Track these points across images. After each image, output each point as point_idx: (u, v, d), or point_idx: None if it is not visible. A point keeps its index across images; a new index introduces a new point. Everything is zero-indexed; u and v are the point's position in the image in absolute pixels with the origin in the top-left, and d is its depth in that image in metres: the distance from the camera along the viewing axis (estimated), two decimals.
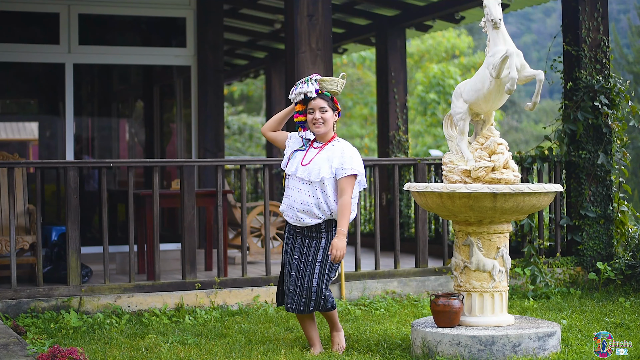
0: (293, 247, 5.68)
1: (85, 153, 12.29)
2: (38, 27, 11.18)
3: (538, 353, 5.48)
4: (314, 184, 5.58)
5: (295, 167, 5.67)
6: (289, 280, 5.62)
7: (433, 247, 9.01)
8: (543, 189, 5.62)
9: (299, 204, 5.61)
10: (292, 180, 5.67)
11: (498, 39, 5.68)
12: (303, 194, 5.61)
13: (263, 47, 14.70)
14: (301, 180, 5.62)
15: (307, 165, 5.62)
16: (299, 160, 5.69)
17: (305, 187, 5.61)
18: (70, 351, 5.01)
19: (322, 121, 5.66)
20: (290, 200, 5.66)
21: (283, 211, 5.72)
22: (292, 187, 5.66)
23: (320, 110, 5.66)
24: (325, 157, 5.62)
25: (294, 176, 5.65)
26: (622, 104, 8.64)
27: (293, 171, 5.67)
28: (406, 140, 11.26)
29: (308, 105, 5.73)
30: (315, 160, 5.63)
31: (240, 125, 27.08)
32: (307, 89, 5.71)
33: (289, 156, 5.77)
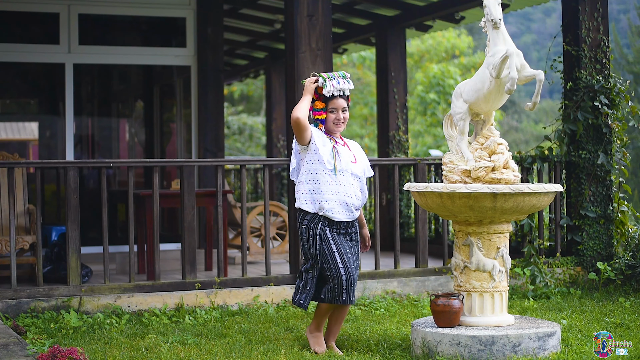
0: (342, 242, 5.68)
1: (85, 149, 12.29)
2: (38, 27, 11.18)
3: (538, 353, 5.48)
4: (362, 180, 5.79)
5: (348, 163, 5.72)
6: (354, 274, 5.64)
7: (433, 247, 9.01)
8: (543, 189, 5.62)
9: (354, 200, 5.70)
10: (343, 177, 5.67)
11: (498, 39, 5.68)
12: (356, 190, 5.73)
13: (263, 47, 14.69)
14: (355, 176, 5.72)
15: (357, 163, 5.76)
16: (345, 156, 5.72)
17: (356, 183, 5.74)
18: (70, 351, 5.01)
19: (343, 121, 5.75)
20: (344, 196, 5.65)
21: (332, 209, 5.61)
22: (344, 183, 5.66)
23: (342, 110, 5.73)
24: (361, 154, 5.86)
25: (347, 172, 5.69)
26: (622, 104, 8.64)
27: (347, 167, 5.70)
28: (406, 140, 11.26)
29: (329, 103, 5.71)
30: (359, 158, 5.82)
31: (240, 125, 27.07)
32: (349, 86, 5.74)
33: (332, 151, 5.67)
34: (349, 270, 5.61)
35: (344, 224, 5.71)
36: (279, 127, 14.37)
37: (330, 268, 5.62)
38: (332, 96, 5.69)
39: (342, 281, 5.58)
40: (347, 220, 5.71)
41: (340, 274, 5.59)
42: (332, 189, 5.63)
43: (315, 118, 5.76)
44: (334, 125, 5.71)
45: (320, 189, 5.63)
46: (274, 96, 14.73)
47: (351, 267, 5.64)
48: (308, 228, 5.66)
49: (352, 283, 5.62)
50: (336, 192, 5.64)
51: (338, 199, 5.64)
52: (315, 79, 5.71)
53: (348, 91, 5.75)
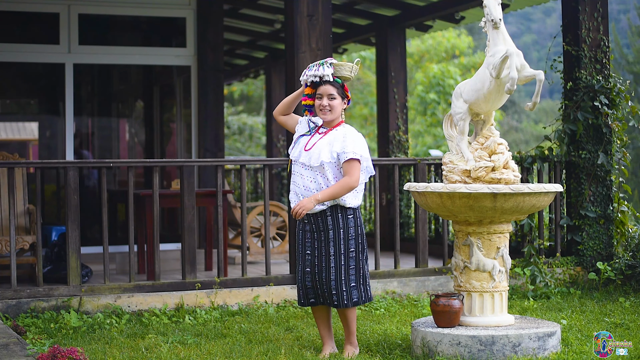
0: (304, 241, 5.58)
1: (85, 149, 12.29)
2: (38, 27, 11.18)
3: (538, 353, 5.48)
4: (315, 169, 5.48)
5: (299, 152, 5.57)
6: (304, 277, 5.54)
7: (433, 247, 9.01)
8: (543, 189, 5.62)
9: (302, 190, 5.50)
10: (296, 166, 5.56)
11: (498, 39, 5.68)
12: (305, 180, 5.51)
13: (263, 47, 14.70)
14: (304, 165, 5.52)
15: (309, 150, 5.51)
16: (302, 146, 5.58)
17: (307, 172, 5.51)
18: (70, 351, 5.01)
19: (329, 108, 5.52)
20: (295, 186, 5.56)
21: (290, 199, 5.59)
22: (296, 173, 5.56)
23: (328, 97, 5.52)
24: (327, 141, 5.49)
25: (297, 162, 5.56)
26: (622, 104, 8.64)
27: (296, 156, 5.57)
28: (406, 140, 11.26)
29: (317, 89, 5.57)
30: (317, 145, 5.50)
31: (240, 125, 27.07)
32: (323, 72, 5.52)
33: (294, 141, 5.67)
34: (298, 272, 5.59)
35: (313, 217, 5.51)
36: (279, 127, 14.36)
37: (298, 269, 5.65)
38: (321, 82, 5.54)
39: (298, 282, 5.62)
40: None
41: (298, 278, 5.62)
42: (292, 179, 5.62)
43: (302, 104, 5.68)
44: (320, 112, 5.55)
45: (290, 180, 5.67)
46: (274, 96, 14.72)
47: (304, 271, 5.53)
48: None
49: (300, 286, 5.53)
50: (292, 182, 5.59)
51: (292, 190, 5.58)
52: None
53: (328, 77, 5.51)
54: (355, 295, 5.51)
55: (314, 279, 5.52)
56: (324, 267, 5.49)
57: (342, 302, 5.48)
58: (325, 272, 5.48)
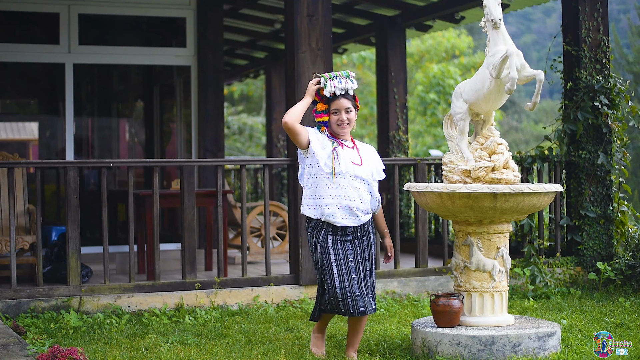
0: (344, 250, 5.45)
1: (84, 152, 12.30)
2: (38, 27, 11.18)
3: (538, 353, 5.48)
4: (371, 182, 5.53)
5: (350, 166, 5.46)
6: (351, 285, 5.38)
7: (433, 247, 9.01)
8: (543, 189, 5.63)
9: (359, 203, 5.44)
10: (345, 180, 5.43)
11: (498, 39, 5.68)
12: (362, 193, 5.46)
13: (263, 47, 14.70)
14: (359, 179, 5.46)
15: (363, 165, 5.50)
16: (348, 159, 5.47)
17: (362, 186, 5.47)
18: (70, 351, 5.01)
19: (348, 122, 5.48)
20: (347, 200, 5.41)
21: (333, 214, 5.40)
22: (346, 186, 5.42)
23: (345, 111, 5.47)
24: (372, 157, 5.60)
25: (349, 175, 5.43)
26: (622, 104, 8.64)
27: (349, 170, 5.44)
28: (406, 140, 11.26)
29: (331, 104, 5.49)
30: (367, 160, 5.54)
31: (240, 125, 27.08)
32: (351, 86, 5.49)
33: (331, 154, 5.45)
34: (344, 282, 5.37)
35: (350, 230, 5.46)
36: (279, 127, 14.37)
37: (326, 279, 5.42)
38: (335, 97, 5.46)
39: (337, 293, 5.36)
40: (352, 225, 5.45)
41: (335, 286, 5.36)
42: (331, 192, 5.42)
43: (317, 121, 5.54)
44: (338, 127, 5.47)
45: (320, 193, 5.43)
46: (274, 96, 14.73)
47: (350, 278, 5.38)
48: (312, 235, 5.48)
49: (348, 295, 5.37)
50: (336, 195, 5.41)
51: (339, 203, 5.40)
52: (317, 80, 5.49)
53: (352, 91, 5.51)
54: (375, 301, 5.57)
55: (360, 285, 5.43)
56: (369, 271, 5.51)
57: (370, 308, 5.44)
58: (371, 277, 5.51)
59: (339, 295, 5.36)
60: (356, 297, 5.36)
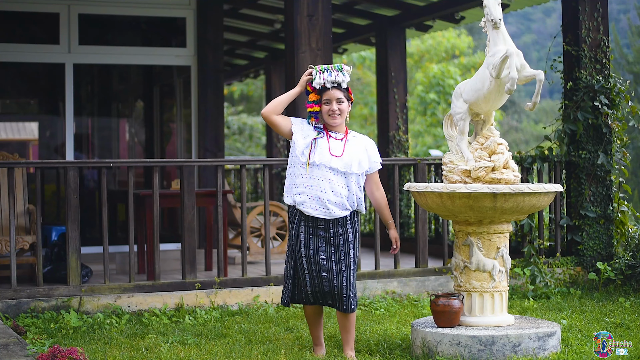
0: (316, 246, 5.46)
1: (84, 151, 12.29)
2: (38, 27, 11.18)
3: (538, 353, 5.48)
4: (350, 175, 5.44)
5: (327, 157, 5.43)
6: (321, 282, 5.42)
7: (433, 247, 9.01)
8: (543, 189, 5.63)
9: (331, 195, 5.39)
10: (319, 170, 5.41)
11: (498, 39, 5.68)
12: (335, 185, 5.40)
13: (263, 47, 14.70)
14: (334, 171, 5.42)
15: (342, 157, 5.44)
16: (326, 150, 5.45)
17: (338, 178, 5.42)
18: (70, 351, 5.01)
19: (339, 112, 5.48)
20: (318, 191, 5.40)
21: (303, 202, 5.42)
22: (319, 177, 5.40)
23: (337, 101, 5.47)
24: (360, 149, 5.51)
25: (324, 166, 5.41)
26: (622, 104, 8.64)
27: (324, 161, 5.41)
28: (406, 140, 11.26)
29: (323, 95, 5.50)
30: (349, 152, 5.47)
31: (240, 125, 27.08)
32: (343, 78, 5.49)
33: (310, 144, 5.47)
34: (314, 278, 5.44)
35: (322, 223, 5.44)
36: None
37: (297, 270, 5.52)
38: (326, 87, 5.48)
39: (307, 288, 5.47)
40: (324, 218, 5.43)
41: (306, 281, 5.47)
42: (305, 182, 5.43)
43: (309, 111, 5.58)
44: (329, 117, 5.48)
45: (295, 182, 5.47)
46: (274, 96, 14.72)
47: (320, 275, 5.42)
48: (290, 220, 5.55)
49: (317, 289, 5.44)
50: (309, 185, 5.40)
51: (310, 193, 5.39)
52: (310, 72, 5.55)
53: (345, 83, 5.51)
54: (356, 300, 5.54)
55: (332, 284, 5.43)
56: (344, 270, 5.45)
57: (350, 307, 5.46)
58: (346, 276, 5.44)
59: (309, 289, 5.48)
60: (325, 293, 5.46)
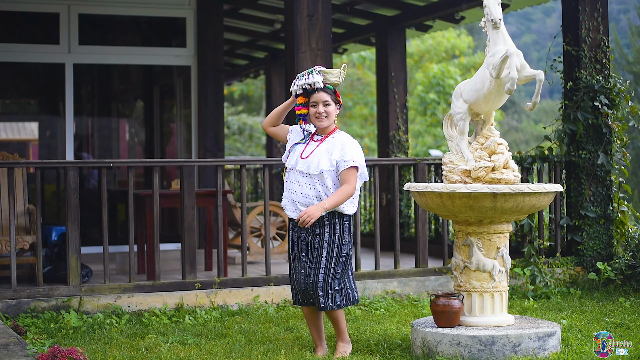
0: (299, 244, 5.62)
1: (85, 149, 12.29)
2: (38, 27, 11.18)
3: (538, 353, 5.48)
4: (314, 176, 5.53)
5: (295, 160, 5.62)
6: (299, 279, 5.59)
7: (433, 247, 9.01)
8: (543, 189, 5.63)
9: (300, 197, 5.56)
10: (292, 174, 5.62)
11: (498, 39, 5.68)
12: (304, 187, 5.55)
13: (263, 47, 14.70)
14: (301, 173, 5.57)
15: (307, 158, 5.56)
16: (299, 154, 5.63)
17: (305, 180, 5.56)
18: (70, 351, 5.01)
19: (326, 115, 5.58)
20: (292, 193, 5.60)
21: (285, 206, 5.66)
22: (292, 180, 5.61)
23: (323, 103, 5.58)
24: (325, 149, 5.56)
25: (294, 169, 5.60)
26: (622, 104, 8.64)
27: (293, 164, 5.61)
28: (406, 140, 11.26)
29: (310, 98, 5.63)
30: (315, 153, 5.57)
31: (240, 125, 27.07)
32: (313, 79, 5.59)
33: (289, 150, 5.72)
34: (293, 275, 5.66)
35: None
36: None
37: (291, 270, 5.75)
38: (314, 90, 5.60)
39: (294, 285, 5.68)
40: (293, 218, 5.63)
41: (293, 279, 5.68)
42: (285, 186, 5.68)
43: (296, 114, 5.72)
44: (316, 120, 5.61)
45: (284, 187, 5.72)
46: (274, 96, 14.73)
47: (298, 272, 5.60)
48: None
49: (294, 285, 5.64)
50: (287, 189, 5.65)
51: (288, 197, 5.64)
52: None
53: (319, 84, 5.57)
54: (338, 299, 5.55)
55: (308, 281, 5.55)
56: (314, 268, 5.53)
57: (328, 305, 5.53)
58: (315, 274, 5.52)
59: (291, 284, 5.72)
60: (303, 291, 5.60)
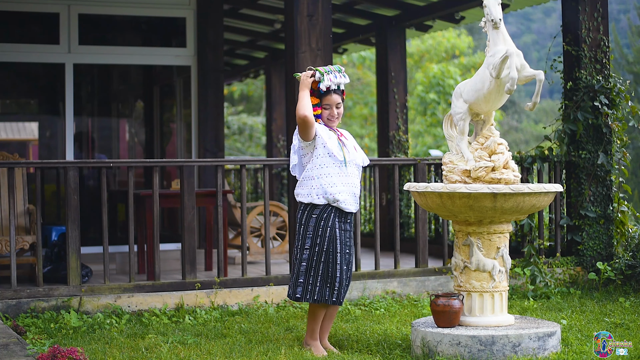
0: (344, 240, 5.72)
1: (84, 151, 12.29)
2: (38, 27, 11.18)
3: (538, 353, 5.48)
4: (360, 168, 5.82)
5: (352, 154, 5.75)
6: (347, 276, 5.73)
7: (433, 247, 9.01)
8: (543, 189, 5.63)
9: (358, 190, 5.77)
10: (350, 168, 5.71)
11: (498, 39, 5.68)
12: (357, 179, 5.79)
13: (263, 47, 14.70)
14: (357, 166, 5.77)
15: (357, 152, 5.80)
16: (350, 148, 5.76)
17: (358, 172, 5.79)
18: (70, 351, 5.01)
19: (337, 116, 5.77)
20: (353, 187, 5.71)
21: (345, 200, 5.64)
22: (351, 174, 5.72)
23: (336, 106, 5.74)
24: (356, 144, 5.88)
25: (353, 163, 5.73)
26: (622, 104, 8.64)
27: (352, 158, 5.74)
28: (406, 140, 11.26)
29: (323, 99, 5.72)
30: (357, 147, 5.84)
31: (240, 125, 27.07)
32: (345, 80, 5.76)
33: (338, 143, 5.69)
34: (343, 273, 5.69)
35: (350, 217, 5.78)
36: (279, 127, 14.37)
37: (328, 267, 5.65)
38: (327, 92, 5.68)
39: (335, 283, 5.65)
40: (354, 212, 5.79)
41: (336, 276, 5.65)
42: (343, 180, 5.66)
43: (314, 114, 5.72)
44: (329, 121, 5.75)
45: (333, 181, 5.63)
46: (274, 96, 14.73)
47: (349, 269, 5.73)
48: (319, 218, 5.65)
49: (344, 285, 5.70)
50: (346, 183, 5.68)
51: (349, 190, 5.69)
52: (312, 73, 5.69)
53: (343, 85, 5.77)
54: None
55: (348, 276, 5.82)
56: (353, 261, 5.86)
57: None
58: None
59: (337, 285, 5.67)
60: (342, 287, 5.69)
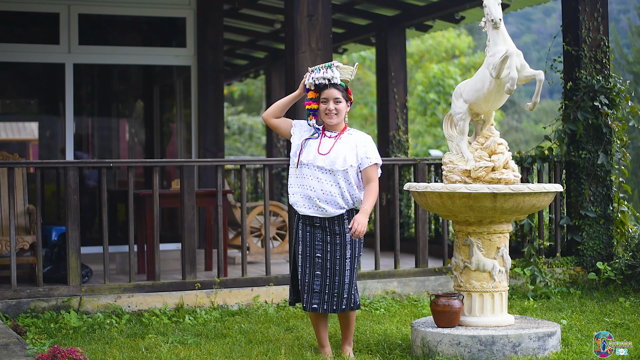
0: (312, 244, 5.49)
1: (82, 149, 12.29)
2: (38, 27, 11.18)
3: (538, 353, 5.48)
4: (337, 173, 5.42)
5: (314, 155, 5.47)
6: (312, 280, 5.47)
7: (433, 247, 9.01)
8: (543, 189, 5.63)
9: (320, 194, 5.43)
10: (308, 170, 5.47)
11: (498, 39, 5.68)
12: (324, 184, 5.43)
13: (263, 47, 14.70)
14: (321, 169, 5.44)
15: (328, 154, 5.45)
16: (314, 149, 5.49)
17: (326, 176, 5.44)
18: (70, 351, 5.01)
19: (336, 112, 5.49)
20: (308, 190, 5.45)
21: (296, 202, 5.49)
22: (309, 176, 5.46)
23: (334, 100, 5.49)
24: (348, 146, 5.47)
25: (312, 165, 5.46)
26: (622, 104, 8.64)
27: (311, 160, 5.46)
28: (406, 140, 11.26)
29: (321, 93, 5.53)
30: (337, 149, 5.46)
31: (240, 125, 27.08)
32: (332, 74, 5.49)
33: (301, 144, 5.56)
34: (305, 276, 5.49)
35: (318, 221, 5.47)
36: None
37: (296, 270, 5.61)
38: (325, 86, 5.50)
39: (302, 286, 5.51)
40: (317, 216, 5.46)
41: (299, 279, 5.54)
42: (297, 182, 5.51)
43: (306, 108, 5.61)
44: (326, 117, 5.51)
45: (291, 182, 5.57)
46: (274, 96, 14.73)
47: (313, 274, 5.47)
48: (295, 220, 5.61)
49: (314, 289, 5.46)
50: (300, 185, 5.48)
51: (301, 192, 5.47)
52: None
53: (337, 79, 5.50)
54: (357, 299, 5.55)
55: (324, 282, 5.46)
56: (339, 270, 5.46)
57: (350, 305, 5.48)
58: (340, 276, 5.45)
59: (301, 287, 5.54)
60: (314, 293, 5.48)
